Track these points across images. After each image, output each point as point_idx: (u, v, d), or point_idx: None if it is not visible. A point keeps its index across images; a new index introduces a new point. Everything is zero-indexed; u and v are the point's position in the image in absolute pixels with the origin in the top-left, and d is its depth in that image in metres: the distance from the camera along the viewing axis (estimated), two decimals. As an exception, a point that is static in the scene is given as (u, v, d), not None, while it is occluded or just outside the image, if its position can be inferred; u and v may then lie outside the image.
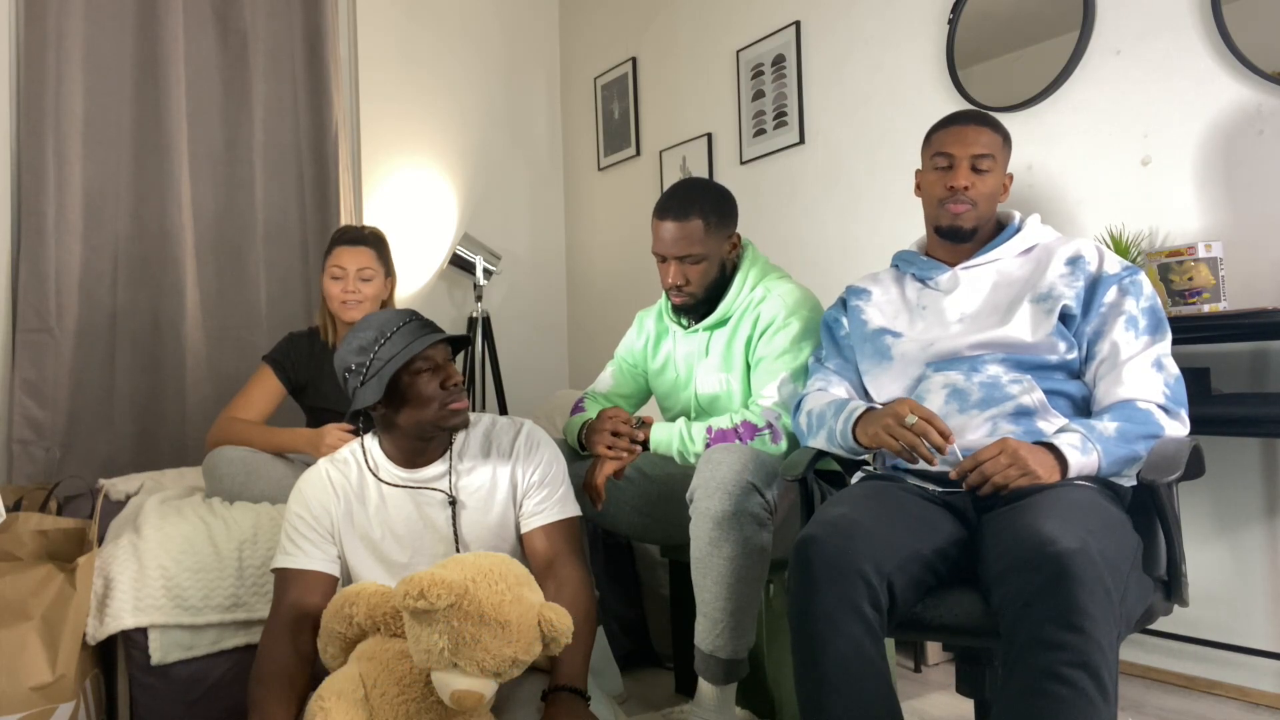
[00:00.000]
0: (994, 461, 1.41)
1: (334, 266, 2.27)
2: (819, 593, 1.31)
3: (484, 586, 1.32)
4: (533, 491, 1.69)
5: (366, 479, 1.66)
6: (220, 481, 2.09)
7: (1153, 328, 1.52)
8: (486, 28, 3.98)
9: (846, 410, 1.62)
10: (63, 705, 1.63)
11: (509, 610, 1.33)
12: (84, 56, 2.99)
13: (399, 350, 1.56)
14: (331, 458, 1.70)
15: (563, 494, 1.71)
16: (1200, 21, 2.11)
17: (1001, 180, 1.67)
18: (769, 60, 3.14)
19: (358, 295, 2.27)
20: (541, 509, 1.68)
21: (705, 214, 1.92)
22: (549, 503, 1.68)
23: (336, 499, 1.64)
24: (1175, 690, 2.15)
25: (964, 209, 1.65)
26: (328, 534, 1.63)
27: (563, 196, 4.21)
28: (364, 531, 1.64)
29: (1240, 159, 2.06)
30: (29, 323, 2.86)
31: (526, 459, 1.70)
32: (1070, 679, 1.13)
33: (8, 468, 2.85)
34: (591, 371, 3.94)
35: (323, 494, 1.64)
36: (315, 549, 1.61)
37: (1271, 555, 2.04)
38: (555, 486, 1.70)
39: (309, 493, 1.65)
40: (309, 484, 1.66)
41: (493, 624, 1.31)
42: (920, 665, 2.36)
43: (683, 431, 1.91)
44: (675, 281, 1.96)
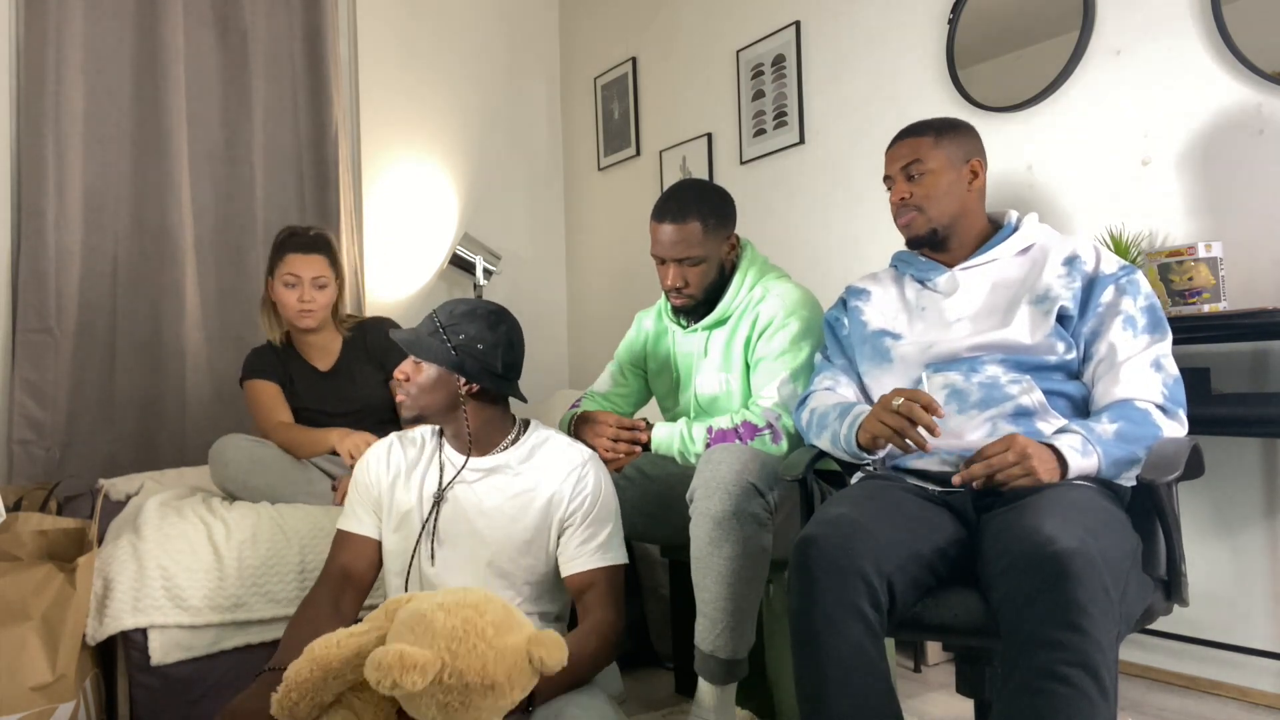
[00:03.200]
0: (1001, 457, 1.40)
1: (287, 274, 2.24)
2: (819, 593, 1.31)
3: (463, 654, 1.22)
4: (574, 528, 1.64)
5: (427, 453, 1.71)
6: (226, 468, 2.12)
7: (1151, 327, 1.51)
8: (486, 27, 3.98)
9: (851, 415, 1.62)
10: (63, 705, 1.63)
11: (494, 669, 1.23)
12: (84, 56, 2.99)
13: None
14: (404, 434, 1.75)
15: (607, 538, 1.65)
16: (1200, 21, 2.11)
17: (952, 176, 1.65)
18: (769, 60, 3.14)
19: (312, 304, 2.25)
20: (583, 550, 1.63)
21: (703, 216, 1.92)
22: (592, 544, 1.63)
23: (387, 470, 1.70)
24: (1175, 690, 2.15)
25: (909, 217, 1.68)
26: (374, 504, 1.70)
27: (563, 196, 4.21)
28: (403, 501, 1.67)
29: (1240, 159, 2.06)
30: (29, 323, 2.86)
31: (576, 489, 1.65)
32: (1070, 678, 1.13)
33: (8, 468, 2.84)
34: (591, 371, 3.93)
35: (377, 464, 1.72)
36: (368, 516, 1.70)
37: (1271, 555, 2.04)
38: (599, 527, 1.65)
39: (367, 460, 1.73)
40: (371, 452, 1.74)
41: (479, 688, 1.22)
42: (920, 665, 2.36)
43: (683, 432, 1.91)
44: (674, 284, 1.96)
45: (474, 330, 1.62)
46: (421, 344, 1.62)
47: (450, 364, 1.61)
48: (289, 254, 2.26)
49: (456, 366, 1.61)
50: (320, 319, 2.29)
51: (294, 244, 2.28)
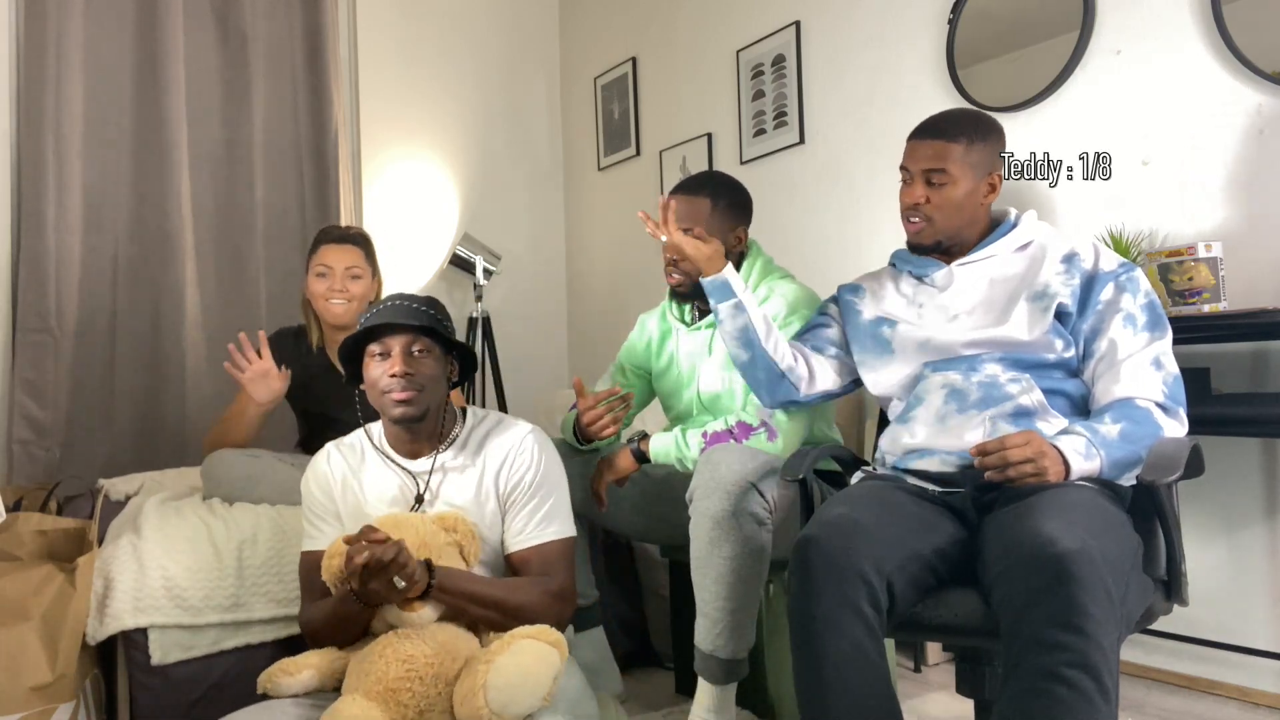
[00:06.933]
0: (1019, 450, 1.37)
1: (319, 265, 2.23)
2: (819, 593, 1.31)
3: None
4: (516, 504, 1.59)
5: (368, 454, 1.65)
6: (219, 486, 2.08)
7: (1151, 324, 1.51)
8: (486, 28, 3.98)
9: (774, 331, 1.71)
10: (63, 705, 1.63)
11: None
12: (84, 57, 2.98)
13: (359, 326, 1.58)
14: (339, 441, 1.70)
15: (549, 510, 1.59)
16: (1200, 21, 2.11)
17: (970, 187, 1.61)
18: (769, 60, 3.14)
19: (345, 293, 2.23)
20: (524, 528, 1.58)
21: (716, 195, 1.94)
22: (533, 520, 1.58)
23: (333, 478, 1.64)
24: (1175, 690, 2.15)
25: (918, 226, 1.64)
26: (334, 516, 1.63)
27: (563, 196, 4.21)
28: (356, 507, 1.62)
29: (1240, 159, 2.06)
30: (29, 323, 2.86)
31: (514, 464, 1.60)
32: (1071, 680, 1.13)
33: (8, 468, 2.84)
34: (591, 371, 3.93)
35: (322, 475, 1.65)
36: (330, 529, 1.62)
37: (1271, 555, 2.04)
38: (541, 501, 1.59)
39: (312, 475, 1.67)
40: (313, 466, 1.68)
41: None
42: (920, 665, 2.36)
43: (678, 439, 1.91)
44: (672, 255, 1.94)
45: (433, 306, 1.61)
46: (445, 326, 1.60)
47: (453, 349, 1.58)
48: (321, 246, 2.26)
49: (457, 351, 1.59)
50: (354, 312, 2.23)
51: (327, 236, 2.29)
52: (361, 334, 1.57)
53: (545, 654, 1.35)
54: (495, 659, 1.33)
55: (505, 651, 1.34)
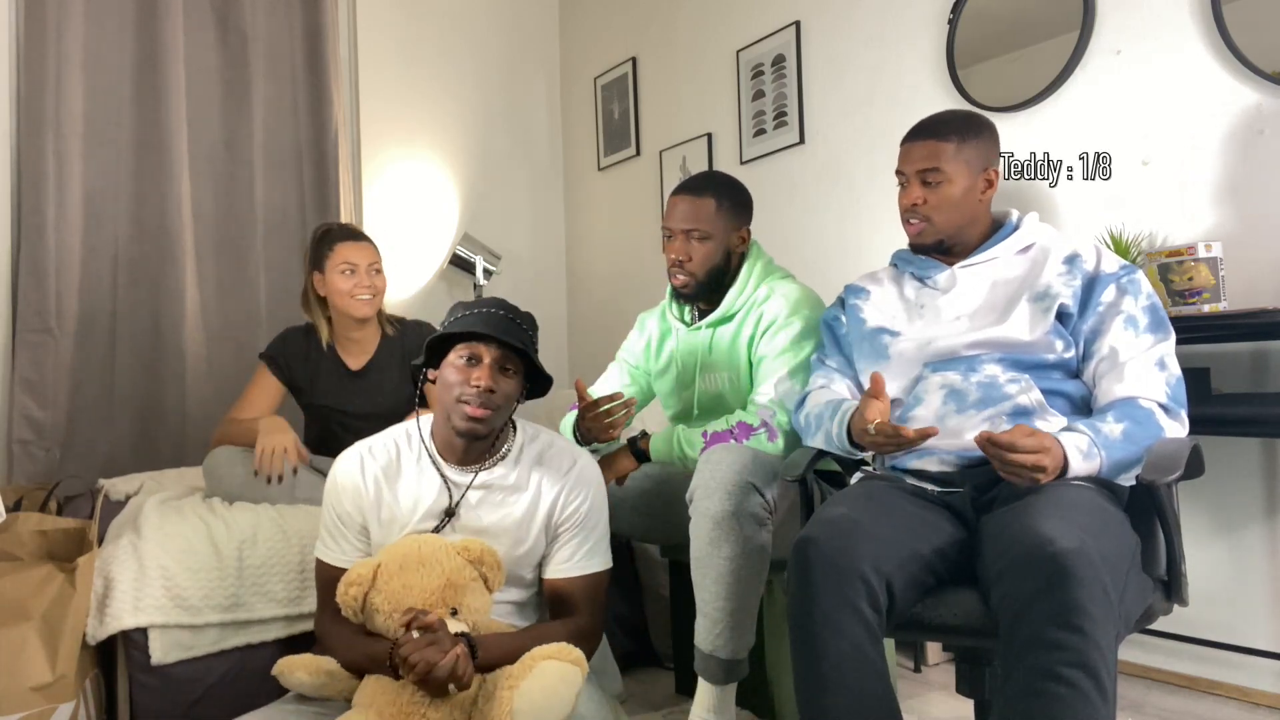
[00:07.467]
0: (1029, 457, 1.33)
1: (343, 263, 2.22)
2: (818, 593, 1.31)
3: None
4: (565, 535, 1.60)
5: (404, 457, 1.61)
6: (220, 483, 2.10)
7: (1154, 326, 1.51)
8: (486, 28, 3.98)
9: (840, 412, 1.62)
10: (63, 705, 1.63)
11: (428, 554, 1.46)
12: (84, 56, 2.98)
13: (453, 322, 1.54)
14: (368, 445, 1.63)
15: (594, 544, 1.62)
16: (1200, 21, 2.11)
17: (966, 184, 1.61)
18: (769, 60, 3.14)
19: (371, 288, 2.24)
20: (570, 558, 1.60)
21: (719, 195, 1.95)
22: (580, 552, 1.60)
23: (365, 490, 1.59)
24: (1175, 690, 2.15)
25: (918, 227, 1.65)
26: (358, 531, 1.60)
27: (563, 196, 4.21)
28: (392, 514, 1.58)
29: (1240, 159, 2.06)
30: (29, 323, 2.86)
31: (570, 495, 1.60)
32: (1069, 679, 1.13)
33: (8, 468, 2.84)
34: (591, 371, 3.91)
35: (355, 487, 1.59)
36: (349, 544, 1.60)
37: (1271, 555, 2.04)
38: (589, 533, 1.62)
39: (340, 483, 1.60)
40: (342, 472, 1.61)
41: (414, 564, 1.43)
42: (920, 665, 2.36)
43: (679, 438, 1.91)
44: (678, 256, 1.95)
45: (533, 327, 1.59)
46: (536, 348, 1.57)
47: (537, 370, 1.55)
48: (339, 243, 2.25)
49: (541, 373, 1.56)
50: (377, 307, 2.26)
51: (341, 234, 2.28)
52: (459, 333, 1.52)
53: (567, 674, 1.35)
54: (519, 684, 1.32)
55: (528, 675, 1.33)
